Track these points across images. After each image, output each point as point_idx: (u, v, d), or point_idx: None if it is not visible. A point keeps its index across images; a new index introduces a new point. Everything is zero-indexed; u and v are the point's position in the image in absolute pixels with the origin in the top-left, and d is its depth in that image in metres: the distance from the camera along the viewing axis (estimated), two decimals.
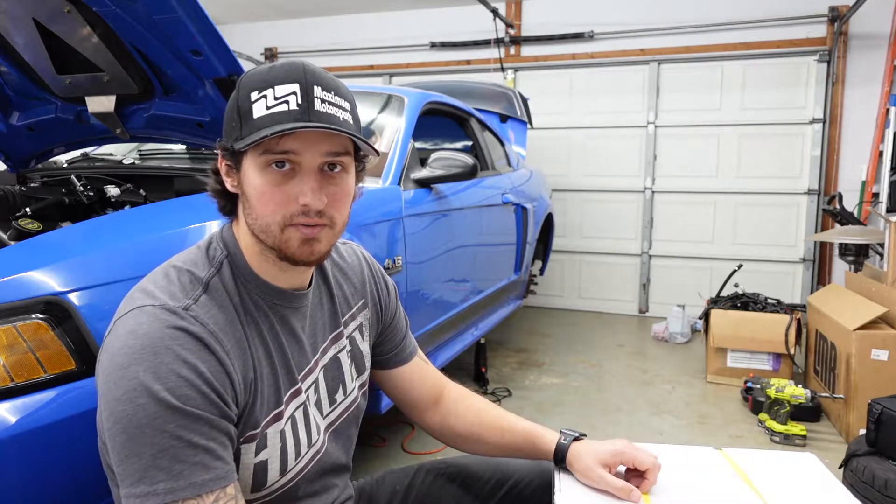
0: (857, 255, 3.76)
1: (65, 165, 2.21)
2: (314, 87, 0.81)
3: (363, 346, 1.07)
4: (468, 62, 5.35)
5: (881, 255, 3.62)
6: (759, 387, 2.82)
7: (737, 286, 3.81)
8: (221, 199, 0.90)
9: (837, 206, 3.90)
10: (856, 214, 4.18)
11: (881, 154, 4.24)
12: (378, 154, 0.92)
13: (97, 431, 0.84)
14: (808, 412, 2.77)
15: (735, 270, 3.93)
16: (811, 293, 3.85)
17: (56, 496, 1.07)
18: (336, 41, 5.71)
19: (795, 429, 2.60)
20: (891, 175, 4.13)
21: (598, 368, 3.61)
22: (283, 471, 0.89)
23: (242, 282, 0.87)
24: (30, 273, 1.12)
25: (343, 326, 1.02)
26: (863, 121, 4.40)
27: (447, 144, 3.69)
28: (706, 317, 3.45)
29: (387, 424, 2.64)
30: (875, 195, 4.29)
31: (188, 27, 1.41)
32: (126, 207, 1.74)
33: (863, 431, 2.14)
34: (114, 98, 1.71)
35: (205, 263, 0.86)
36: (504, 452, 1.11)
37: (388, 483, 1.15)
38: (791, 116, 4.60)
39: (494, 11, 4.83)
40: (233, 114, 0.83)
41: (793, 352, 3.16)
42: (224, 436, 0.78)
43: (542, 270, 4.49)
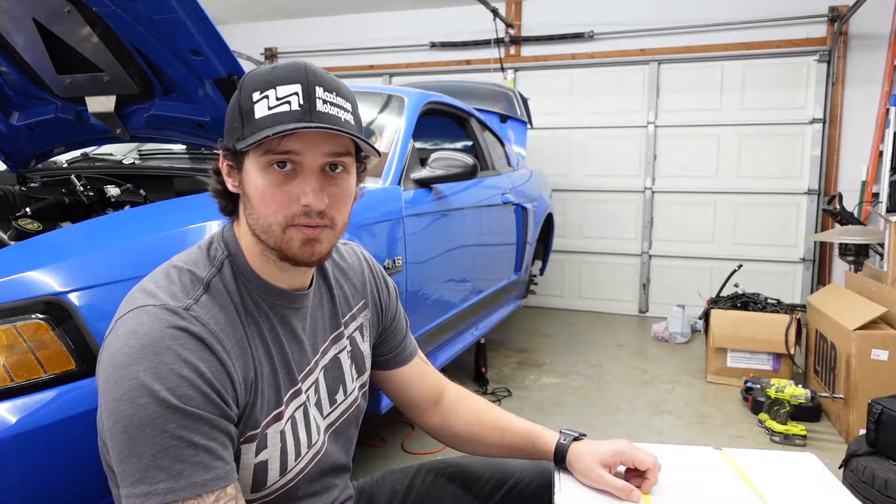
0: (857, 255, 3.76)
1: (65, 165, 2.21)
2: (316, 88, 0.81)
3: (363, 347, 1.07)
4: (468, 62, 5.35)
5: (881, 255, 3.62)
6: (759, 387, 2.82)
7: (737, 286, 3.81)
8: (222, 200, 0.91)
9: (837, 206, 3.90)
10: (856, 214, 4.18)
11: (881, 154, 4.25)
12: (379, 155, 0.93)
13: (97, 431, 0.84)
14: (808, 412, 2.77)
15: (735, 270, 3.93)
16: (811, 293, 3.85)
17: (56, 496, 1.07)
18: (336, 41, 5.71)
19: (795, 429, 2.60)
20: (891, 175, 4.13)
21: (598, 368, 3.61)
22: (283, 471, 0.89)
23: (243, 282, 0.88)
24: (30, 273, 1.12)
25: (343, 327, 1.02)
26: (863, 121, 4.41)
27: (447, 144, 3.69)
28: (706, 317, 3.45)
29: (387, 424, 2.64)
30: (875, 195, 4.29)
31: (188, 27, 1.41)
32: (126, 207, 1.74)
33: (863, 431, 2.14)
34: (114, 98, 1.71)
35: (206, 263, 0.86)
36: (504, 453, 1.11)
37: (388, 483, 1.15)
38: (791, 116, 4.60)
39: (494, 11, 4.83)
40: (234, 114, 0.84)
41: (793, 352, 3.16)
42: (224, 436, 0.78)
43: (542, 270, 4.49)
